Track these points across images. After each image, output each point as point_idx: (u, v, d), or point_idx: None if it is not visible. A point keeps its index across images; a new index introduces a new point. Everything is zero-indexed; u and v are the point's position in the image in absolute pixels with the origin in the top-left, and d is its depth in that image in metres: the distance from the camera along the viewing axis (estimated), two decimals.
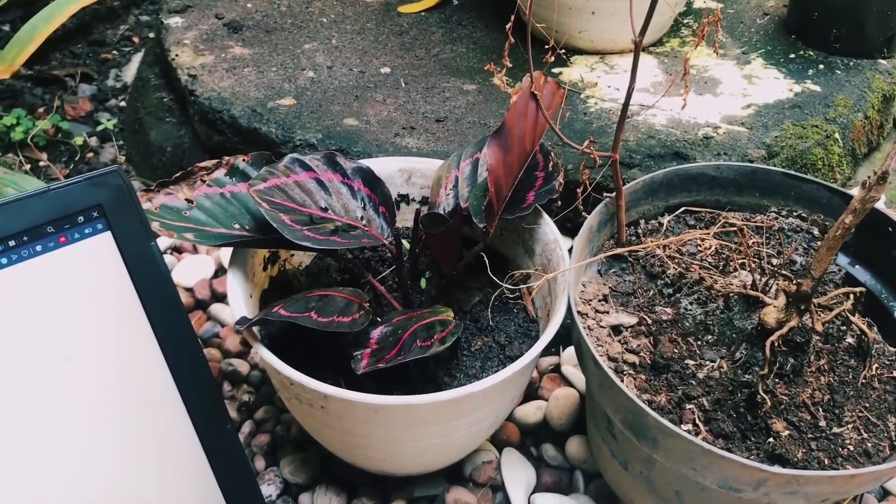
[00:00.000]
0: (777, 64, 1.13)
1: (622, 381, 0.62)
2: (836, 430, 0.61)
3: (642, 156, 0.94)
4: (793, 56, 1.15)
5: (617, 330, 0.68)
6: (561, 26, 1.10)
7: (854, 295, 0.65)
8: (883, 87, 1.11)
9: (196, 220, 0.67)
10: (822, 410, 0.62)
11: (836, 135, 1.02)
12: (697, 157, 0.94)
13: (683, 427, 0.61)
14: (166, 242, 1.00)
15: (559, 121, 0.97)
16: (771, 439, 0.60)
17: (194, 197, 0.69)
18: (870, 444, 0.60)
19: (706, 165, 0.77)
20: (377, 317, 0.69)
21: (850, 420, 0.62)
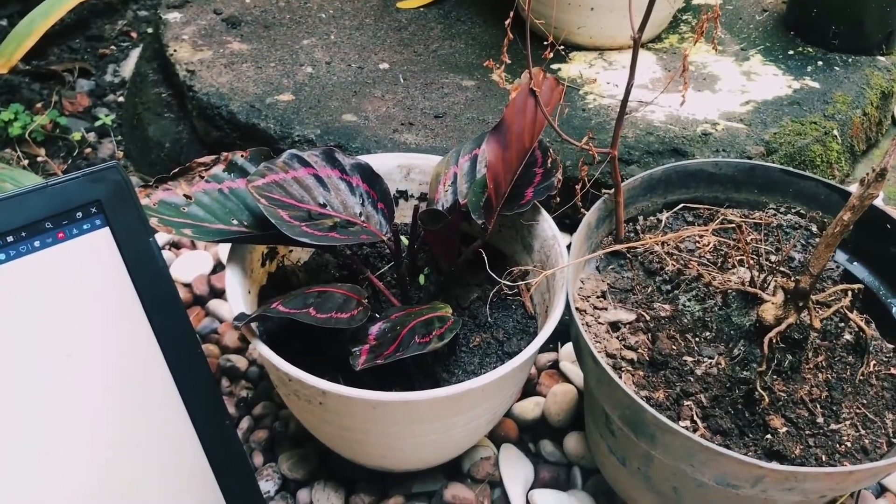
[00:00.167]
0: (776, 60, 1.13)
1: (620, 378, 0.62)
2: (833, 426, 0.61)
3: (641, 152, 0.94)
4: (791, 53, 1.15)
5: (615, 326, 0.68)
6: (560, 22, 1.10)
7: (852, 292, 0.65)
8: (881, 83, 1.11)
9: (194, 215, 0.67)
10: (819, 407, 0.62)
11: (835, 131, 1.02)
12: (696, 153, 0.94)
13: (681, 423, 0.61)
14: (165, 238, 1.00)
15: (558, 117, 0.96)
16: (769, 436, 0.60)
17: (193, 193, 0.69)
18: (867, 440, 0.61)
19: (705, 162, 0.77)
20: (376, 313, 0.69)
21: (848, 417, 0.62)
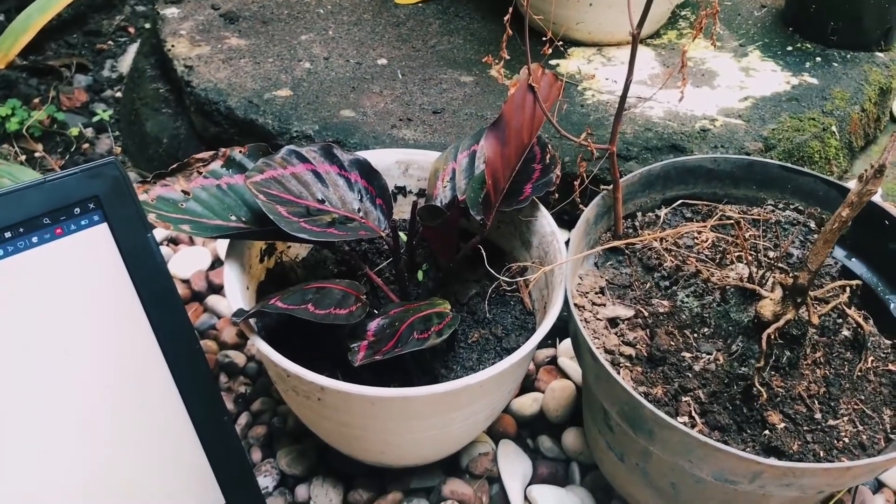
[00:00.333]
0: (774, 56, 1.13)
1: (618, 374, 0.62)
2: (831, 422, 0.61)
3: (639, 148, 0.94)
4: (790, 49, 1.15)
5: (613, 322, 0.68)
6: (558, 18, 1.10)
7: (850, 288, 0.65)
8: (880, 79, 1.11)
9: (192, 211, 0.67)
10: (817, 403, 0.62)
11: (833, 128, 1.02)
12: (694, 149, 0.94)
13: (679, 419, 0.61)
14: (163, 234, 1.00)
15: (556, 113, 0.96)
16: (767, 432, 0.60)
17: (191, 188, 0.68)
18: (865, 436, 0.61)
19: (703, 158, 0.77)
20: (374, 309, 0.69)
21: (846, 412, 0.62)
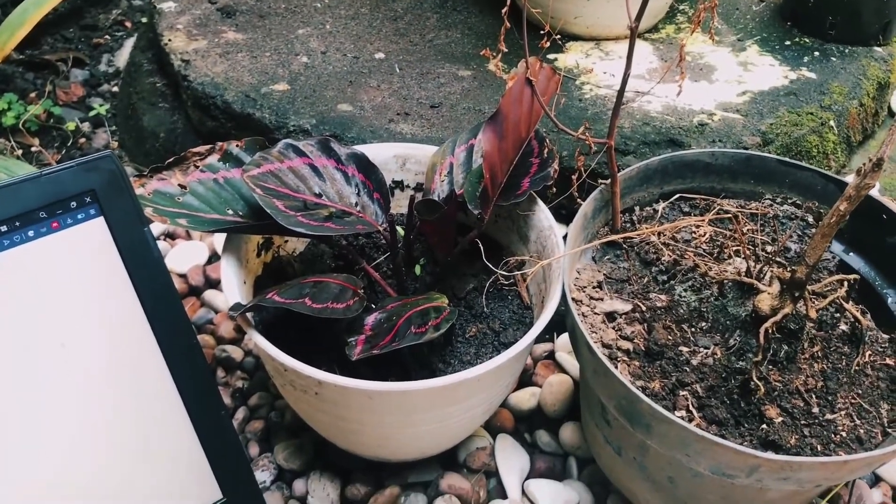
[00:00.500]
0: (772, 51, 1.13)
1: (616, 368, 0.62)
2: (828, 416, 0.61)
3: (637, 142, 0.94)
4: (788, 43, 1.15)
5: (611, 317, 0.68)
6: (556, 12, 1.10)
7: (848, 282, 0.65)
8: (878, 74, 1.11)
9: (189, 205, 0.67)
10: (815, 397, 0.62)
11: (831, 122, 1.02)
12: (692, 143, 0.94)
13: (677, 413, 0.61)
14: (159, 228, 1.00)
15: (554, 107, 0.96)
16: (764, 426, 0.60)
17: (188, 182, 0.68)
18: (862, 430, 0.61)
19: (701, 152, 0.77)
20: (371, 303, 0.68)
21: (843, 407, 0.62)
